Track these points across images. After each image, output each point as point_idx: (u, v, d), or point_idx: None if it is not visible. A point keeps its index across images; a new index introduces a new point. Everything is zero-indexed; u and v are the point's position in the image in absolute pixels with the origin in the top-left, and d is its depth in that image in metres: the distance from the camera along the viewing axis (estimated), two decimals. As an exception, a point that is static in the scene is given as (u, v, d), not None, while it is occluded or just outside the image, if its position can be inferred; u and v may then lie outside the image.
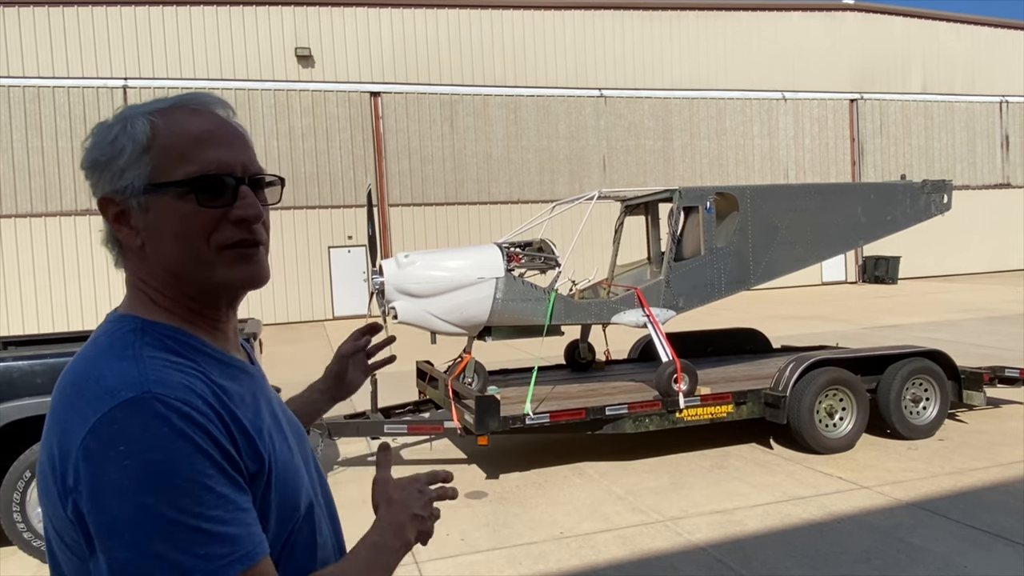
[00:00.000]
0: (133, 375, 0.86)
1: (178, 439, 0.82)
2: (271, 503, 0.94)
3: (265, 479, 0.93)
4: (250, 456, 0.91)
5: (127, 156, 0.94)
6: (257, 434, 0.94)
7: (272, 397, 1.09)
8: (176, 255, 0.95)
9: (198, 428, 0.84)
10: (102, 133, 0.96)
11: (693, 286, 6.73)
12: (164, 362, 0.89)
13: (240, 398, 0.95)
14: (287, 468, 0.98)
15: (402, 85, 21.13)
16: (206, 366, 0.94)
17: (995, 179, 27.72)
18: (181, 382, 0.87)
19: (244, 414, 0.94)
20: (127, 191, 0.94)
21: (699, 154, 24.09)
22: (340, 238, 20.57)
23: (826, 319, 15.46)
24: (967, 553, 4.12)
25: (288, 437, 1.05)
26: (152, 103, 0.98)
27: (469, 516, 5.08)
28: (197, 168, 0.94)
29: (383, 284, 6.25)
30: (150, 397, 0.83)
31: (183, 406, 0.84)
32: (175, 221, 0.94)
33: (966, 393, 6.67)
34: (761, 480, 5.55)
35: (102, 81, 18.83)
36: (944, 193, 7.53)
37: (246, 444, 0.91)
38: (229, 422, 0.89)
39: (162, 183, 0.94)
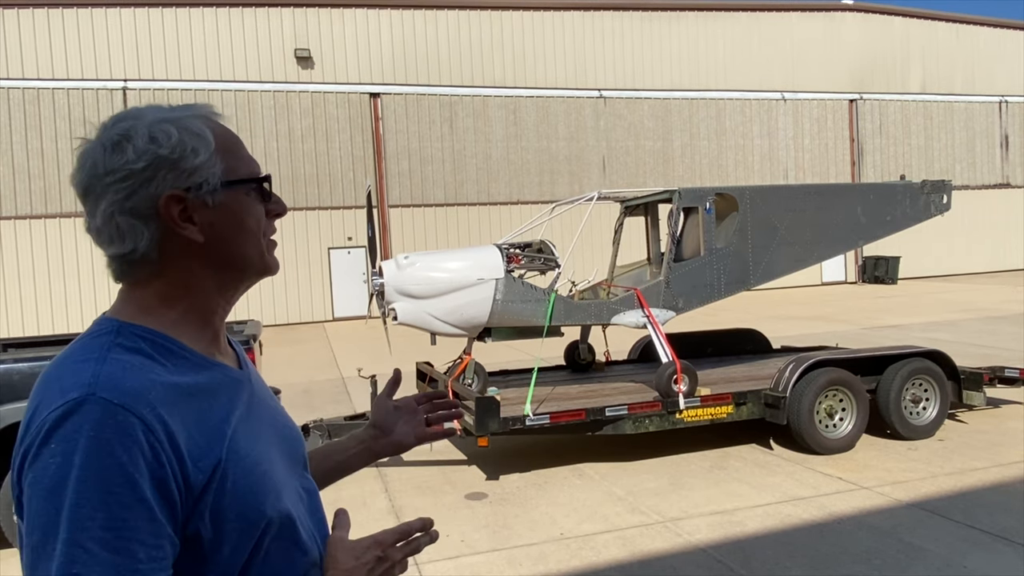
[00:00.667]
0: (86, 377, 0.87)
1: (104, 448, 0.83)
2: (225, 508, 0.92)
3: (217, 484, 0.91)
4: (196, 466, 0.90)
5: (202, 155, 0.98)
6: (213, 438, 0.93)
7: (259, 403, 1.08)
8: (245, 246, 1.03)
9: (130, 442, 0.84)
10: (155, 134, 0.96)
11: (693, 287, 6.74)
12: (126, 365, 0.90)
13: (206, 402, 0.96)
14: (252, 473, 0.96)
15: (402, 86, 21.14)
16: (177, 369, 0.95)
17: (995, 179, 27.73)
18: (133, 387, 0.88)
19: (202, 418, 0.94)
20: (202, 188, 0.98)
21: (699, 155, 24.10)
22: (340, 239, 20.57)
23: (826, 319, 15.47)
24: (967, 553, 4.12)
25: (268, 447, 1.03)
26: (179, 109, 1.02)
27: (469, 517, 5.08)
28: (251, 170, 1.05)
29: (383, 285, 6.25)
30: (94, 400, 0.85)
31: (123, 413, 0.85)
32: (246, 215, 1.03)
33: (966, 393, 6.68)
34: (761, 481, 5.55)
35: (102, 83, 18.84)
36: (944, 193, 7.53)
37: (195, 452, 0.90)
38: (176, 431, 0.88)
39: (235, 180, 1.02)
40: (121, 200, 0.95)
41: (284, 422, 1.14)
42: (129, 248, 0.97)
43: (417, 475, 6.12)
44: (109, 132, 0.97)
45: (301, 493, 1.08)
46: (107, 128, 0.98)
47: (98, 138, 0.98)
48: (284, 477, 1.04)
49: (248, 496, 0.94)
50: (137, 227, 0.96)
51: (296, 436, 1.15)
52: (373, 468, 6.38)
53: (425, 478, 6.02)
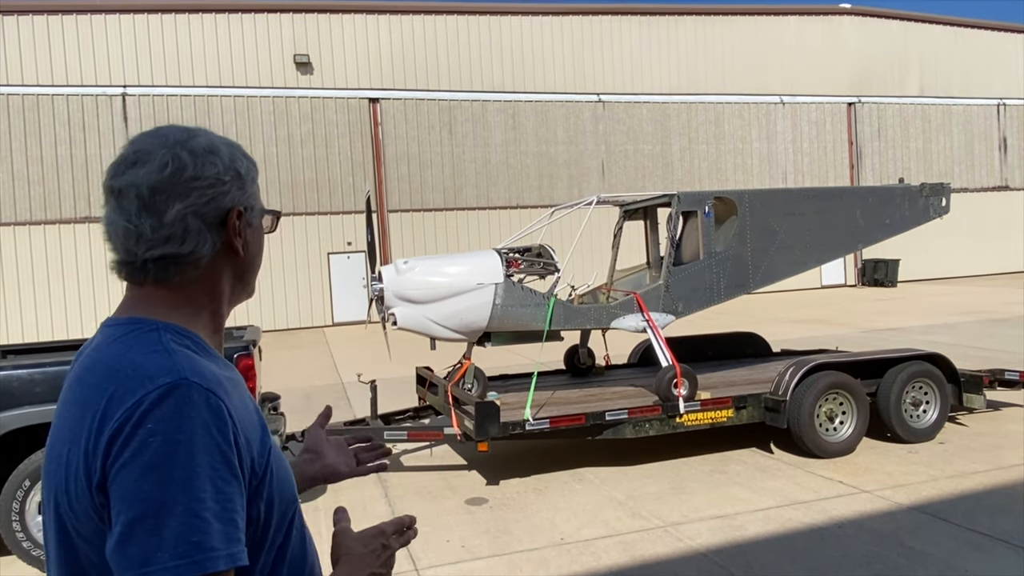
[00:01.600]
0: (168, 364, 0.93)
1: (203, 428, 0.90)
2: (274, 492, 1.00)
3: (271, 470, 1.00)
4: (257, 452, 0.98)
5: (256, 181, 1.13)
6: (259, 427, 1.02)
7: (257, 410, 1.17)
8: (257, 267, 1.15)
9: (222, 423, 0.92)
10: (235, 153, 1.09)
11: (692, 290, 6.74)
12: (191, 356, 0.97)
13: (242, 394, 1.04)
14: (281, 458, 1.06)
15: (401, 91, 21.17)
16: (216, 364, 1.03)
17: (993, 181, 27.77)
18: (210, 375, 0.95)
19: (246, 409, 1.02)
20: (253, 209, 1.11)
21: (697, 158, 24.13)
22: (339, 244, 20.58)
23: (826, 322, 15.47)
24: (968, 556, 4.12)
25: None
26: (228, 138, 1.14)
27: (469, 522, 5.07)
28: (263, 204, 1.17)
29: (382, 290, 6.25)
30: (187, 384, 0.91)
31: (213, 397, 0.92)
32: (262, 238, 1.15)
33: (966, 396, 6.67)
34: (762, 484, 5.54)
35: (101, 89, 18.86)
36: (942, 196, 7.54)
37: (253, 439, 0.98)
38: (239, 421, 0.96)
39: (269, 209, 1.16)
40: (201, 205, 1.03)
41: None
42: (188, 249, 1.02)
43: (417, 480, 6.11)
44: (193, 142, 1.05)
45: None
46: (184, 138, 1.05)
47: (176, 145, 1.03)
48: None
49: (285, 480, 1.04)
50: (203, 232, 1.03)
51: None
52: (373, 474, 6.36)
53: (425, 483, 6.01)
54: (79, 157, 18.61)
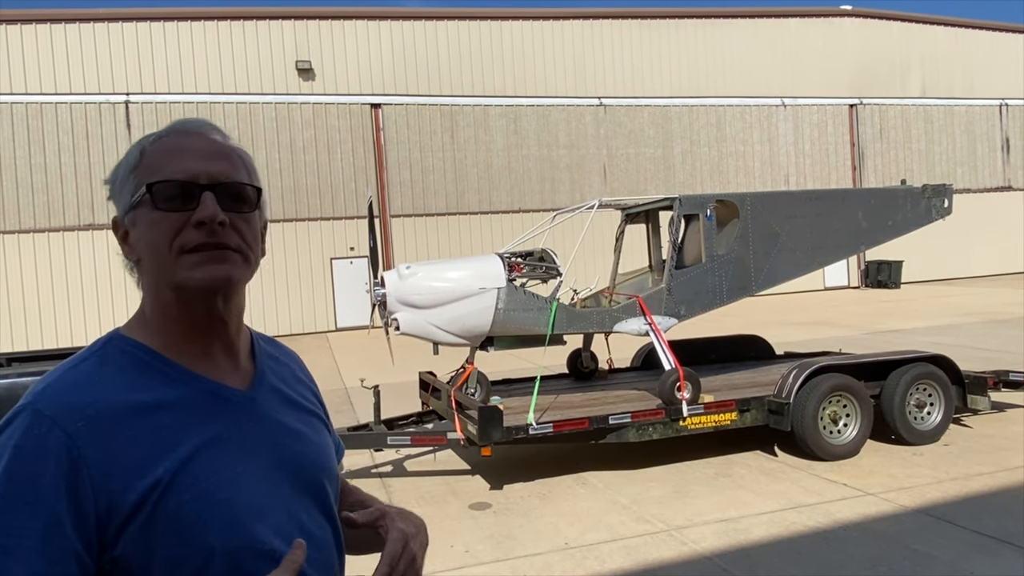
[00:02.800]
0: (40, 385, 0.94)
1: (21, 457, 0.87)
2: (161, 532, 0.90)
3: (152, 506, 0.89)
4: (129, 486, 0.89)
5: (119, 180, 1.03)
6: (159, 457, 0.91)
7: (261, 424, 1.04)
8: (150, 262, 1.00)
9: (48, 456, 0.87)
10: (120, 162, 1.05)
11: (695, 293, 6.73)
12: (84, 377, 0.95)
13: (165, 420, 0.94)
14: (206, 499, 0.92)
15: (402, 97, 21.23)
16: (145, 384, 0.96)
17: (996, 182, 27.71)
18: (73, 402, 0.91)
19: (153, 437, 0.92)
20: (124, 211, 1.03)
21: (699, 161, 24.13)
22: (342, 249, 20.61)
23: (829, 324, 15.44)
24: (973, 559, 4.10)
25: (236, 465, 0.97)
26: (152, 133, 1.06)
27: (473, 527, 5.06)
28: (160, 177, 1.00)
29: (385, 296, 6.26)
30: (30, 409, 0.90)
31: (52, 427, 0.88)
32: (146, 230, 1.00)
33: (970, 398, 6.65)
34: (766, 488, 5.53)
35: (104, 97, 18.94)
36: (945, 197, 7.53)
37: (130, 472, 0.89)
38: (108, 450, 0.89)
39: (136, 197, 1.01)
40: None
41: (294, 446, 1.07)
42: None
43: (421, 485, 6.10)
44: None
45: (303, 521, 1.03)
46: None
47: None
48: (270, 505, 0.99)
49: (194, 523, 0.91)
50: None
51: (308, 464, 1.08)
52: (376, 479, 6.37)
53: (428, 488, 6.01)
54: (82, 165, 18.68)
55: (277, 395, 1.11)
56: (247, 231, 1.03)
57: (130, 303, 18.68)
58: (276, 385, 1.12)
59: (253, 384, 1.08)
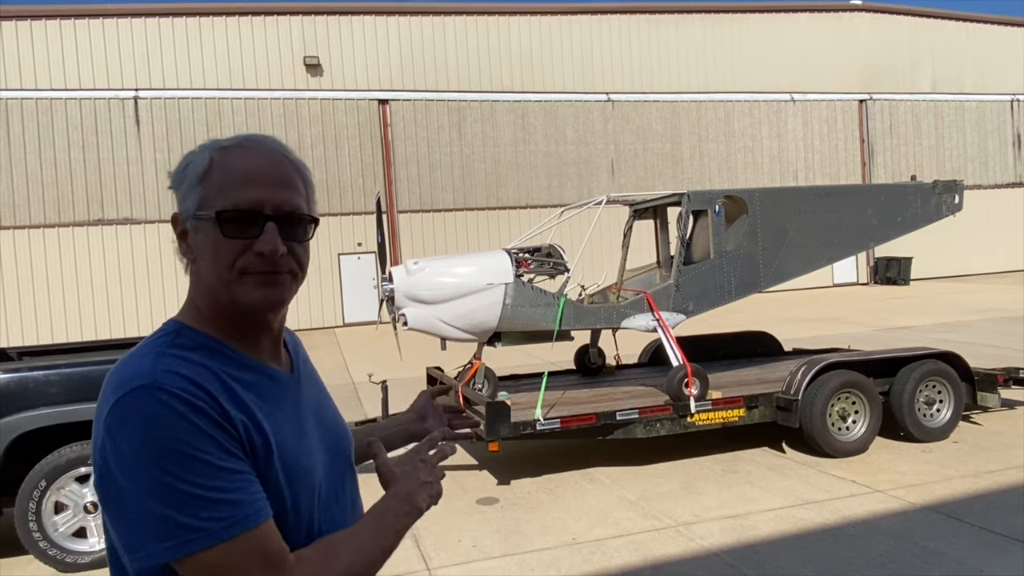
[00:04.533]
0: (147, 368, 0.99)
1: (179, 420, 0.95)
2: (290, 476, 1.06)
3: (273, 456, 1.04)
4: (255, 431, 1.03)
5: (187, 184, 1.10)
6: (266, 418, 1.06)
7: (306, 406, 1.18)
8: (209, 275, 1.09)
9: (198, 412, 0.97)
10: (182, 160, 1.12)
11: (703, 290, 6.72)
12: (182, 359, 1.02)
13: (250, 397, 1.06)
14: (293, 467, 1.07)
15: (410, 92, 21.23)
16: (226, 366, 1.06)
17: (1007, 178, 27.50)
18: (186, 374, 1.00)
19: (254, 405, 1.05)
20: (185, 213, 1.10)
21: (707, 157, 24.04)
22: (350, 245, 20.66)
23: (838, 321, 15.37)
24: (982, 556, 4.08)
25: (306, 437, 1.13)
26: (220, 141, 1.12)
27: (481, 522, 5.08)
28: (229, 203, 1.07)
29: (393, 291, 6.27)
30: (155, 385, 0.97)
31: (183, 393, 0.97)
32: (209, 246, 1.08)
33: (980, 395, 6.62)
34: (774, 484, 5.52)
35: (113, 92, 19.02)
36: (955, 193, 7.48)
37: (250, 423, 1.03)
38: (231, 407, 1.01)
39: (203, 213, 1.08)
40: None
41: (332, 422, 1.25)
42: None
43: (428, 480, 6.11)
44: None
45: (339, 490, 1.20)
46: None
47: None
48: (322, 473, 1.15)
49: (289, 483, 1.06)
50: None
51: (343, 434, 1.28)
52: (384, 473, 6.38)
53: (436, 483, 6.02)
54: (92, 160, 18.78)
55: (309, 377, 1.26)
56: (302, 255, 1.14)
57: (139, 298, 18.81)
58: (306, 368, 1.27)
59: (294, 368, 1.21)
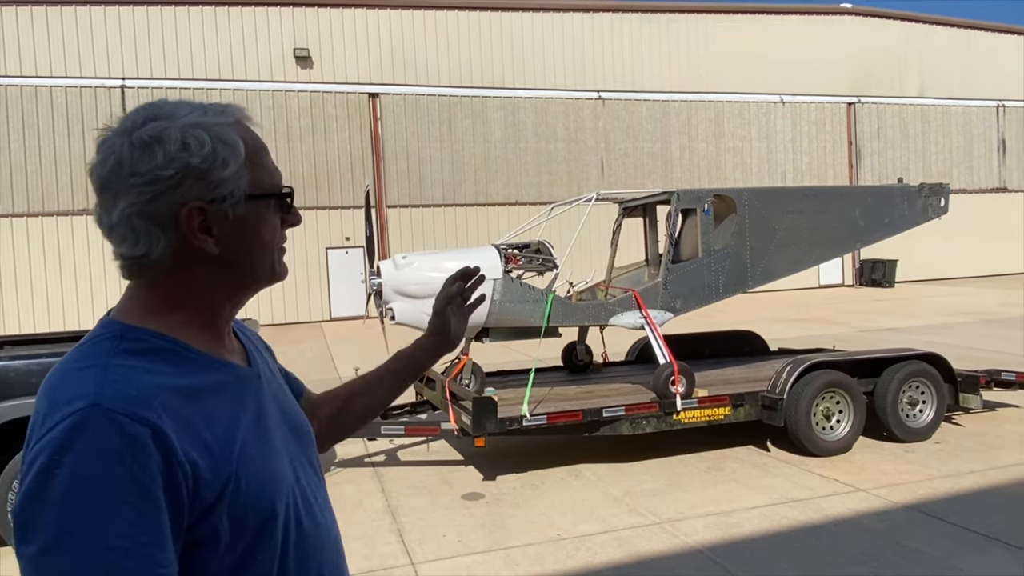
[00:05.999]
0: (90, 386, 0.86)
1: (112, 458, 0.82)
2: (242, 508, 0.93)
3: (232, 488, 0.92)
4: (211, 471, 0.90)
5: (231, 168, 0.97)
6: (224, 441, 0.94)
7: (269, 399, 1.08)
8: (258, 258, 1.03)
9: (139, 451, 0.83)
10: (188, 140, 0.94)
11: (691, 288, 6.74)
12: (130, 370, 0.89)
13: (213, 403, 0.96)
14: (263, 473, 0.98)
15: (400, 86, 21.14)
16: (183, 373, 0.94)
17: (992, 183, 27.79)
18: (138, 394, 0.87)
19: (212, 420, 0.94)
20: (225, 200, 0.97)
21: (697, 156, 24.12)
22: (338, 239, 20.56)
23: (823, 322, 15.49)
24: (963, 556, 4.13)
25: (272, 438, 1.04)
26: (213, 113, 0.99)
27: (466, 517, 5.08)
28: (275, 182, 1.04)
29: (381, 285, 6.25)
30: (99, 411, 0.83)
31: (130, 423, 0.84)
32: (265, 228, 1.03)
33: (962, 396, 6.69)
34: (758, 482, 5.55)
35: (100, 81, 18.81)
36: (941, 196, 7.54)
37: (208, 458, 0.90)
38: (186, 436, 0.88)
39: (259, 195, 1.01)
40: (143, 203, 0.93)
41: (294, 416, 1.15)
42: (142, 252, 0.95)
43: (414, 475, 6.11)
44: (139, 131, 0.93)
45: (306, 486, 1.09)
46: (136, 125, 0.94)
47: (124, 133, 0.94)
48: (291, 472, 1.05)
49: (260, 496, 0.96)
50: (154, 232, 0.94)
51: (306, 429, 1.17)
52: (370, 468, 6.37)
53: (422, 478, 6.01)
54: (77, 149, 18.56)
55: (266, 369, 1.15)
56: None
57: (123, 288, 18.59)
58: (263, 362, 1.16)
59: (251, 362, 1.11)
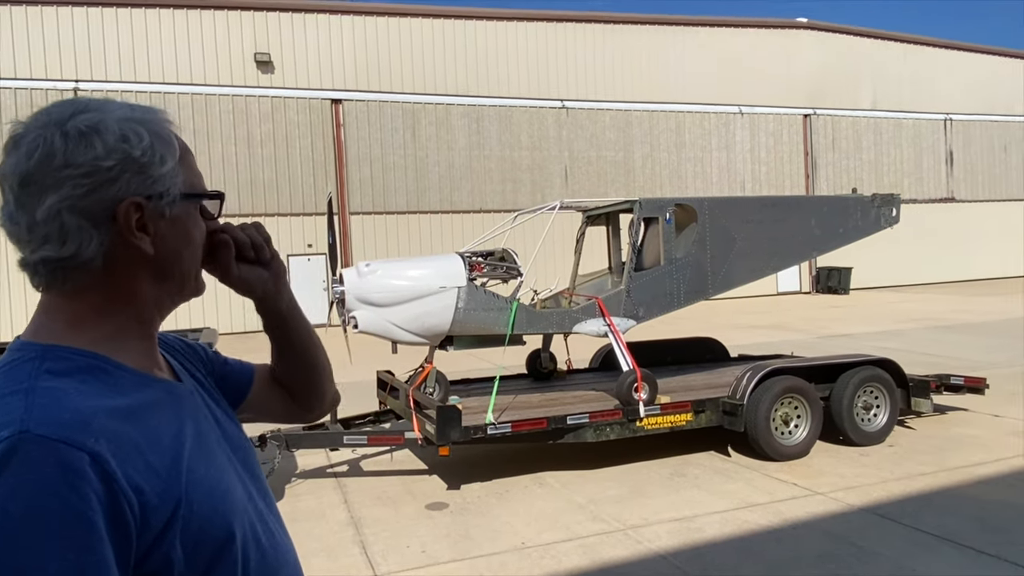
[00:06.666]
0: (16, 412, 0.78)
1: (46, 490, 0.74)
2: (195, 532, 0.87)
3: (184, 512, 0.85)
4: (158, 495, 0.83)
5: (169, 165, 0.94)
6: (170, 461, 0.87)
7: (203, 414, 1.02)
8: (189, 263, 0.99)
9: (76, 479, 0.75)
10: (127, 132, 0.89)
11: (653, 296, 6.82)
12: (60, 392, 0.82)
13: (154, 422, 0.89)
14: (214, 493, 0.91)
15: (364, 93, 21.00)
16: (116, 391, 0.87)
17: (940, 193, 28.76)
18: (72, 418, 0.79)
19: (154, 441, 0.87)
20: (163, 197, 0.93)
21: (659, 165, 24.47)
22: (300, 246, 20.28)
23: (782, 328, 15.81)
24: (916, 556, 4.24)
25: (216, 456, 0.98)
26: (142, 110, 0.95)
27: (430, 527, 5.04)
28: (203, 184, 1.02)
29: (343, 293, 6.18)
30: (29, 438, 0.76)
31: (65, 449, 0.76)
32: (194, 230, 0.99)
33: (914, 400, 6.88)
34: (720, 487, 5.63)
35: (52, 83, 18.28)
36: (893, 206, 7.77)
37: (153, 480, 0.83)
38: (128, 459, 0.81)
39: (194, 194, 0.98)
40: (77, 197, 0.86)
41: (231, 429, 1.08)
42: (70, 252, 0.87)
43: (377, 485, 6.04)
44: (72, 121, 0.87)
45: (258, 502, 1.03)
46: (66, 116, 0.88)
47: (53, 125, 0.87)
48: (242, 489, 0.99)
49: (214, 517, 0.89)
50: (85, 230, 0.87)
51: (245, 441, 1.10)
52: (332, 478, 6.28)
53: (385, 488, 5.95)
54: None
55: (195, 381, 1.09)
56: None
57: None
58: (189, 374, 1.10)
59: (177, 375, 1.05)
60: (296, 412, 1.34)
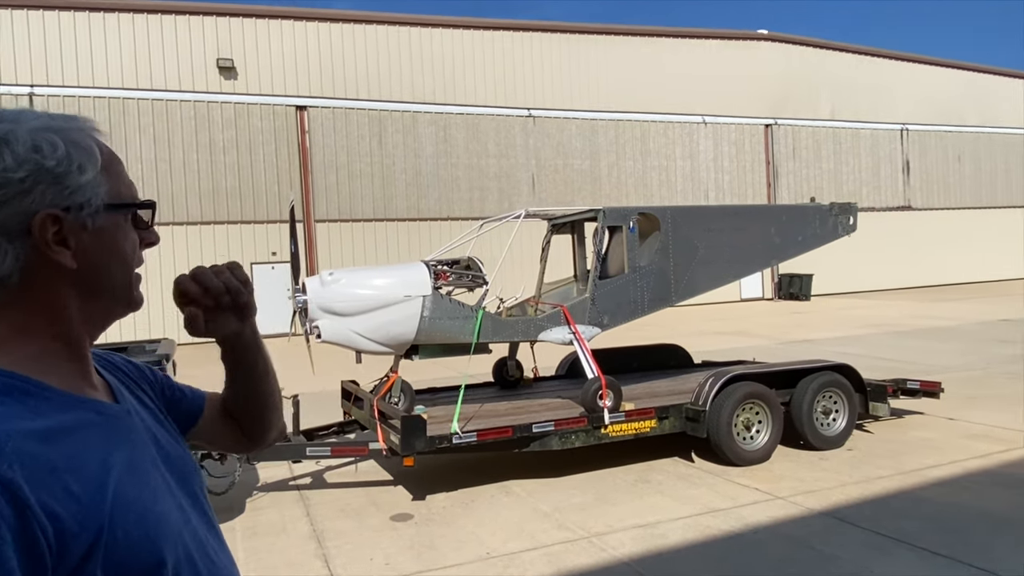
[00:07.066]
0: None
1: None
2: (120, 561, 0.83)
3: (107, 539, 0.82)
4: (77, 522, 0.80)
5: (88, 174, 0.90)
6: (93, 488, 0.83)
7: (139, 436, 0.98)
8: (119, 276, 0.96)
9: None
10: (39, 143, 0.86)
11: (618, 304, 6.87)
12: None
13: (77, 446, 0.85)
14: (145, 518, 0.87)
15: (329, 100, 20.84)
16: (37, 413, 0.83)
17: (897, 202, 29.54)
18: None
19: (76, 466, 0.83)
20: (83, 209, 0.89)
21: (624, 174, 24.71)
22: (263, 254, 20.00)
23: (745, 334, 16.05)
24: (874, 559, 4.33)
25: (151, 479, 0.94)
26: (61, 119, 0.92)
27: (394, 539, 4.99)
28: (132, 193, 0.98)
29: (306, 303, 6.11)
30: None
31: None
32: (123, 242, 0.95)
33: (872, 405, 7.03)
34: (683, 493, 5.68)
35: (6, 88, 17.78)
36: (850, 215, 7.96)
37: (73, 508, 0.80)
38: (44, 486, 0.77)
39: (118, 204, 0.94)
40: None
41: (172, 450, 1.04)
42: None
43: (341, 497, 5.97)
44: None
45: (197, 526, 1.00)
46: None
47: None
48: (179, 513, 0.96)
49: (144, 543, 0.86)
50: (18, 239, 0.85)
51: (188, 463, 1.07)
52: (294, 491, 6.19)
53: (349, 500, 5.88)
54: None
55: (136, 403, 1.06)
56: None
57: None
58: (130, 395, 1.07)
59: (116, 397, 1.01)
60: (243, 443, 1.33)
